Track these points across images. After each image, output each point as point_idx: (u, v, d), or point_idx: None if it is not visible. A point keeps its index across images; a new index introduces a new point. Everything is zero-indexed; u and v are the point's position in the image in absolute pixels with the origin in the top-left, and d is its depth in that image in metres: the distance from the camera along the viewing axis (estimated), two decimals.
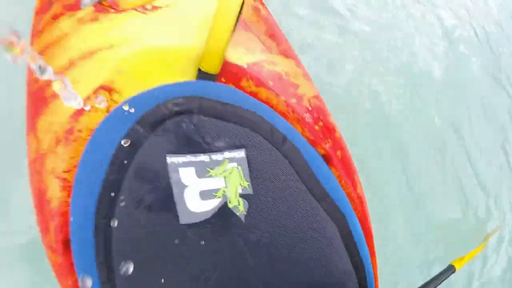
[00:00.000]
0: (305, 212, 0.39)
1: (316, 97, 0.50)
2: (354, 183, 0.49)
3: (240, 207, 0.37)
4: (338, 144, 0.49)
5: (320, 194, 0.40)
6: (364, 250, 0.45)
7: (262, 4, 0.57)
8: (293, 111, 0.46)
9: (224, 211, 0.36)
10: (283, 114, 0.45)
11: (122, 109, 0.38)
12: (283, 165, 0.39)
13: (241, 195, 0.37)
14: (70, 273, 0.41)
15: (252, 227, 0.37)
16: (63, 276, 0.42)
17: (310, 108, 0.47)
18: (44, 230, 0.43)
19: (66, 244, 0.40)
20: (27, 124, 0.47)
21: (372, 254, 0.53)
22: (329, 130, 0.49)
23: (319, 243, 0.40)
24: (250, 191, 0.37)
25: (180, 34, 0.45)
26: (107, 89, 0.41)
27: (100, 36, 0.46)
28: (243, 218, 0.37)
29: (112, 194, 0.34)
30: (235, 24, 0.45)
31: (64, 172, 0.40)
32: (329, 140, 0.48)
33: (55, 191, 0.40)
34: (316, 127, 0.46)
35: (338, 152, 0.48)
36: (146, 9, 0.48)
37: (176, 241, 0.35)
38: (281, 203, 0.38)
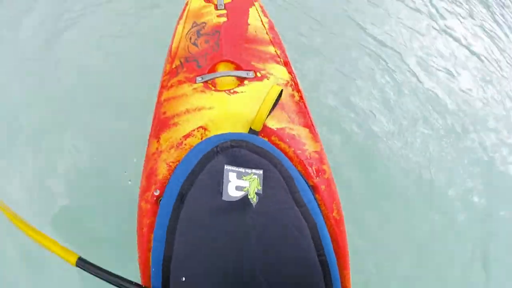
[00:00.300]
0: (289, 212, 0.69)
1: (316, 152, 0.83)
2: (331, 208, 0.77)
3: (254, 199, 0.69)
4: (324, 181, 0.79)
5: (300, 203, 0.70)
6: (329, 252, 0.70)
7: (298, 91, 0.94)
8: (297, 157, 0.79)
9: (245, 199, 0.69)
10: (290, 157, 0.78)
11: (209, 141, 0.76)
12: (281, 182, 0.70)
13: (256, 193, 0.69)
14: (151, 216, 0.74)
15: (258, 212, 0.68)
16: (146, 217, 0.76)
17: (309, 157, 0.80)
18: (146, 189, 0.79)
19: (157, 199, 0.75)
20: (152, 134, 0.87)
21: (345, 265, 0.76)
22: (321, 172, 0.80)
23: (296, 233, 0.68)
24: (260, 192, 0.69)
25: (244, 107, 0.84)
26: (204, 128, 0.81)
27: (205, 101, 0.88)
28: (254, 205, 0.68)
29: (193, 177, 0.70)
30: (275, 105, 0.83)
31: (171, 162, 0.78)
32: (318, 177, 0.78)
33: (162, 171, 0.78)
34: (309, 169, 0.78)
35: (323, 186, 0.78)
36: (230, 92, 0.89)
37: (217, 206, 0.68)
38: (276, 202, 0.69)
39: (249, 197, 0.69)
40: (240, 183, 0.70)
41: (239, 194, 0.69)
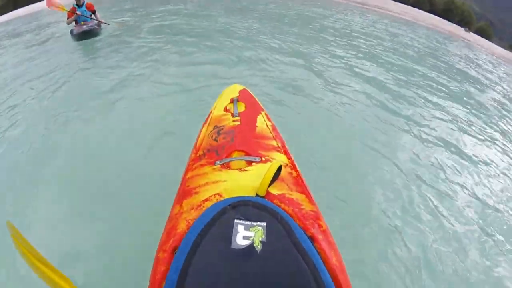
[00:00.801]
0: (290, 257, 0.79)
1: (312, 211, 0.97)
2: (331, 255, 0.86)
3: (258, 247, 0.80)
4: (321, 233, 0.90)
5: (301, 250, 0.79)
6: None
7: (296, 171, 1.16)
8: (295, 214, 0.93)
9: (251, 247, 0.81)
10: (290, 214, 0.93)
11: (223, 202, 0.94)
12: (281, 232, 0.83)
13: (260, 241, 0.81)
14: (166, 264, 0.84)
15: (262, 257, 0.78)
16: (161, 265, 0.84)
17: (306, 214, 0.95)
18: (166, 240, 0.91)
19: (174, 250, 0.87)
20: (176, 201, 1.06)
21: None
22: (317, 225, 0.92)
23: (298, 279, 0.76)
24: (264, 240, 0.82)
25: (252, 180, 1.05)
26: (219, 195, 1.00)
27: (221, 177, 1.11)
28: (258, 252, 0.80)
29: (207, 229, 0.85)
30: (275, 177, 1.04)
31: (190, 219, 0.94)
32: (314, 228, 0.90)
33: (182, 226, 0.92)
34: (307, 222, 0.91)
35: (320, 236, 0.89)
36: (241, 170, 1.12)
37: (226, 253, 0.79)
38: (278, 249, 0.80)
39: (254, 245, 0.81)
40: (247, 234, 0.83)
41: (246, 242, 0.82)
